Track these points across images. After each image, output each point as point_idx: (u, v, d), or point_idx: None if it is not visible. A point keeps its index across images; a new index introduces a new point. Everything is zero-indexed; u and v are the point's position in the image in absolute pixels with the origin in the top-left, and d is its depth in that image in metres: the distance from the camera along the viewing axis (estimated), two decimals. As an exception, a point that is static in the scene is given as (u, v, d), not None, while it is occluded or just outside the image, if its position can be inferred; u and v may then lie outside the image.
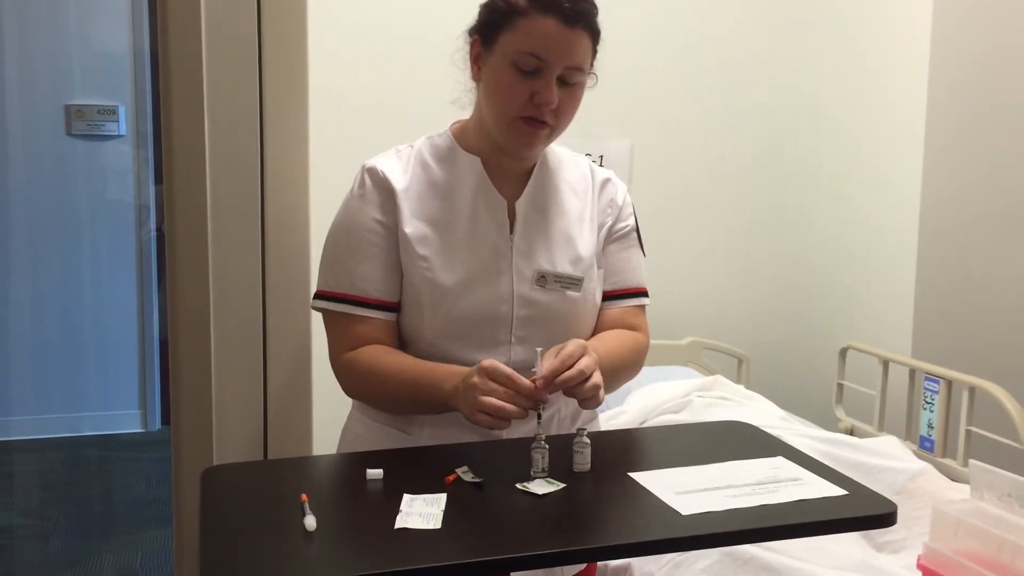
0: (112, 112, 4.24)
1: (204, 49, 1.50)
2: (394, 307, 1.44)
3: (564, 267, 1.46)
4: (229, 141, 1.53)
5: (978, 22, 2.64)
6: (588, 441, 1.26)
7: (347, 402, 1.57)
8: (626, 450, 1.40)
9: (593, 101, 1.29)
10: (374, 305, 1.43)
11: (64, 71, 4.17)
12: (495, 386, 1.27)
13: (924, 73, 2.80)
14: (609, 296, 1.53)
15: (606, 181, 1.55)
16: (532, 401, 1.27)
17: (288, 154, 1.57)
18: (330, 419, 1.64)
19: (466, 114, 1.50)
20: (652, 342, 2.89)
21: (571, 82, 1.39)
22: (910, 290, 2.88)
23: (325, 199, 1.57)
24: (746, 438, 1.45)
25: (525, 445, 1.24)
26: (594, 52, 1.43)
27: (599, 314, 1.53)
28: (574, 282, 1.45)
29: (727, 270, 3.22)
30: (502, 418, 1.26)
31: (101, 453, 4.16)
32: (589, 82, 1.44)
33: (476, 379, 1.28)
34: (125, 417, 4.38)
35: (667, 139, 3.11)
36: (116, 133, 4.26)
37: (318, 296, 1.46)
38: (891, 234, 2.96)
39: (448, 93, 1.48)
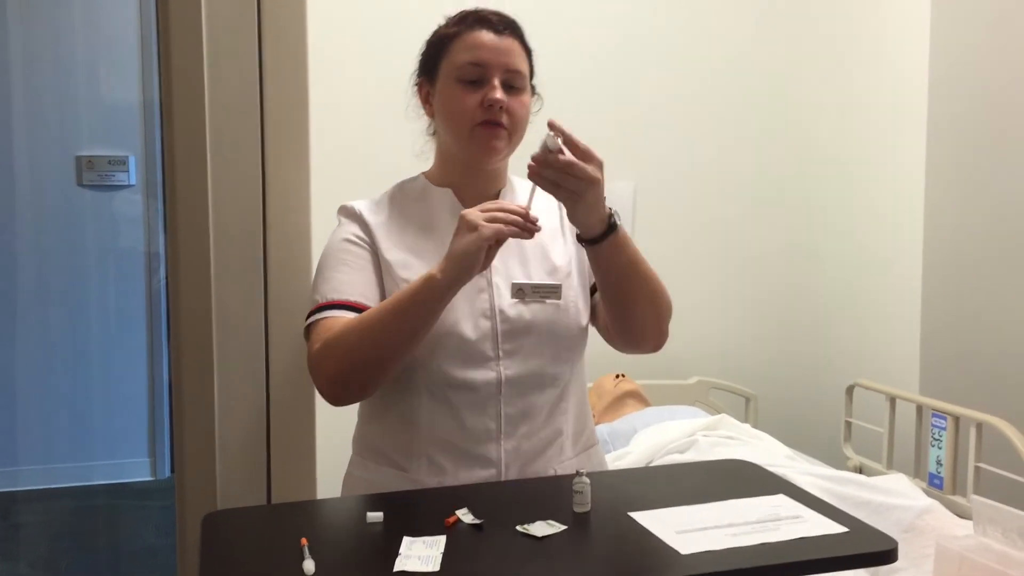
0: (122, 162, 4.28)
1: (207, 101, 1.53)
2: None
3: (540, 277, 1.48)
4: (232, 192, 1.55)
5: (975, 62, 2.67)
6: (588, 481, 1.26)
7: (350, 447, 1.58)
8: (627, 490, 1.39)
9: (595, 142, 1.31)
10: (352, 307, 1.42)
11: (74, 122, 4.22)
12: (487, 204, 1.33)
13: (924, 112, 2.83)
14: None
15: None
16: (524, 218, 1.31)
17: (291, 206, 1.59)
18: (335, 466, 1.63)
19: (430, 164, 1.58)
20: (656, 382, 2.95)
21: (515, 86, 1.45)
22: (916, 327, 2.87)
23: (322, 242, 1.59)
24: (748, 476, 1.45)
25: (525, 487, 1.24)
26: (531, 66, 1.50)
27: (596, 310, 1.54)
28: (552, 290, 1.46)
29: (733, 310, 3.23)
30: (507, 213, 1.30)
31: (110, 502, 4.15)
32: (534, 106, 1.51)
33: (464, 215, 1.31)
34: (135, 465, 4.38)
35: (670, 180, 3.13)
36: (126, 183, 4.30)
37: (305, 331, 1.46)
38: (896, 271, 2.97)
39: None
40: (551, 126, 1.28)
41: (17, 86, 4.14)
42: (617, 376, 2.83)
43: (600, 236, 1.36)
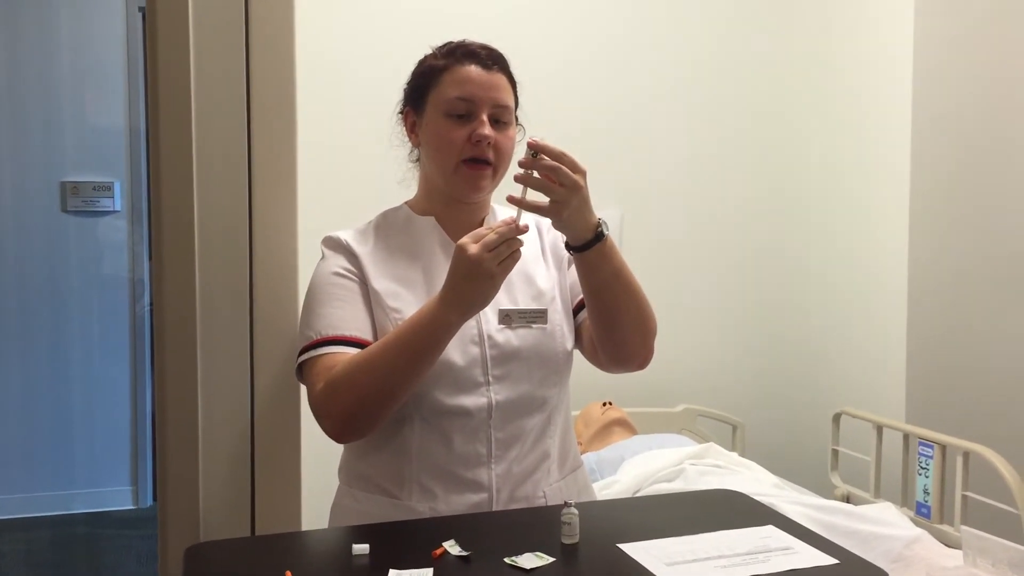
0: (107, 188, 4.26)
1: (194, 127, 1.52)
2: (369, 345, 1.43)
3: (526, 303, 1.49)
4: (218, 219, 1.54)
5: (958, 86, 2.69)
6: (576, 512, 1.25)
7: (336, 477, 1.56)
8: (616, 521, 1.38)
9: (588, 172, 1.33)
10: (350, 342, 1.42)
11: (59, 148, 4.20)
12: (480, 232, 1.31)
13: (907, 136, 2.84)
14: (582, 306, 1.53)
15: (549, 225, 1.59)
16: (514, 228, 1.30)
17: (278, 234, 1.58)
18: (321, 496, 1.61)
19: (412, 192, 1.59)
20: (644, 410, 2.94)
21: (501, 121, 1.47)
22: (902, 354, 2.88)
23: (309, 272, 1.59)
24: (737, 507, 1.44)
25: (513, 517, 1.22)
26: (516, 98, 1.52)
27: (581, 330, 1.55)
28: (538, 315, 1.48)
29: (719, 337, 3.23)
30: (508, 244, 1.29)
31: (91, 530, 4.09)
32: (518, 135, 1.52)
33: (478, 263, 1.29)
34: (117, 494, 4.33)
35: (656, 209, 3.15)
36: (111, 209, 4.28)
37: (298, 367, 1.46)
38: (881, 299, 2.98)
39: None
40: (531, 146, 1.30)
41: (1, 111, 4.13)
42: (604, 404, 2.82)
43: (588, 244, 1.36)
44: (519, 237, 1.32)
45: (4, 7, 4.12)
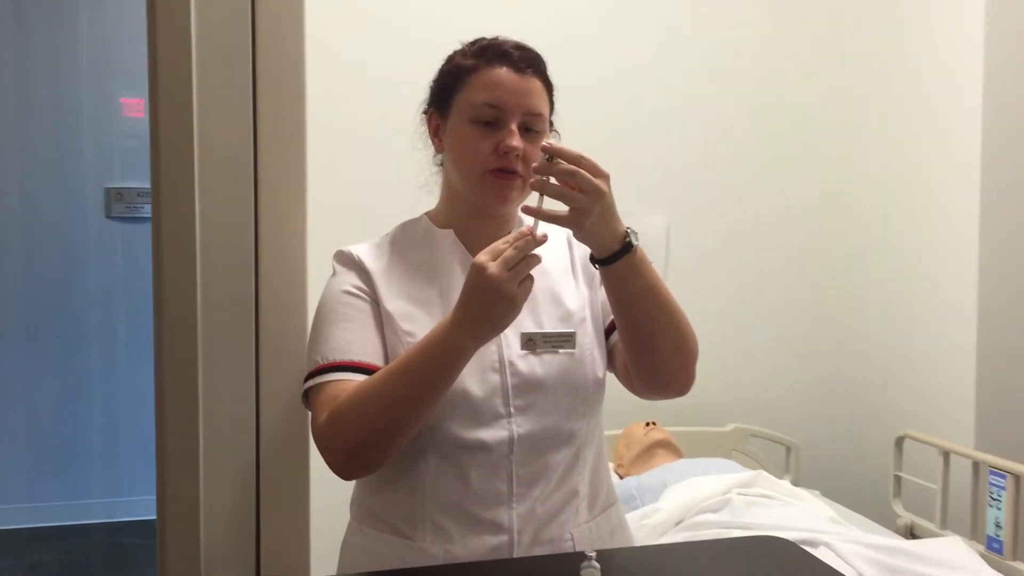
0: (152, 194, 4.25)
1: (195, 129, 1.43)
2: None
3: (553, 325, 1.38)
4: (222, 234, 1.45)
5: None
6: (598, 567, 1.13)
7: (347, 508, 1.47)
8: (643, 572, 1.25)
9: (626, 176, 1.21)
10: (358, 368, 1.31)
11: (104, 154, 4.22)
12: (497, 247, 1.20)
13: (978, 136, 2.64)
14: (615, 327, 1.41)
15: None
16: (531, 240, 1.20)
17: (285, 244, 1.49)
18: (331, 531, 1.52)
19: (435, 199, 1.48)
20: (690, 429, 2.80)
21: (533, 129, 1.36)
22: (971, 374, 2.68)
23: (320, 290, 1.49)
24: (783, 558, 1.29)
25: (536, 564, 1.11)
26: (551, 103, 1.41)
27: (613, 353, 1.43)
28: (565, 339, 1.34)
29: (773, 352, 3.06)
30: (527, 261, 1.19)
31: (139, 540, 4.08)
32: (553, 139, 1.41)
33: (481, 266, 1.18)
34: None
35: (705, 216, 2.99)
36: (156, 215, 4.27)
37: (304, 394, 1.36)
38: (948, 312, 2.78)
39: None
40: (545, 150, 1.19)
41: (48, 118, 4.16)
42: (647, 424, 2.68)
43: (615, 255, 1.24)
44: (536, 252, 1.20)
45: (54, 13, 4.14)
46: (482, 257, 1.19)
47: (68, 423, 4.21)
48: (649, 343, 1.32)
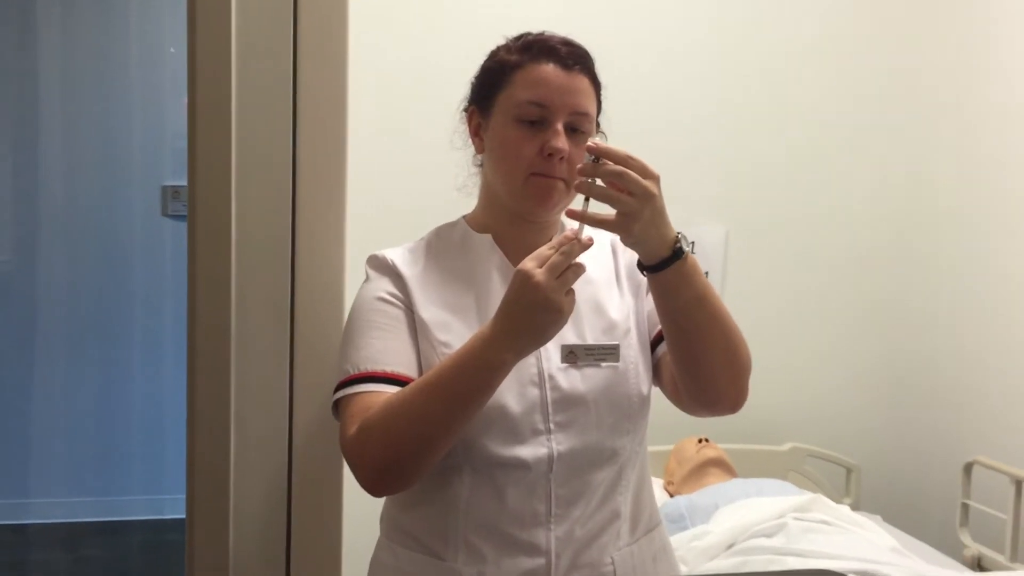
0: (208, 192, 4.29)
1: (233, 128, 1.39)
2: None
3: (595, 337, 1.32)
4: (258, 237, 1.42)
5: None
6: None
7: (377, 523, 1.43)
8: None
9: (684, 183, 1.14)
10: (391, 379, 1.26)
11: (161, 151, 4.25)
12: (543, 253, 1.15)
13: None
14: (662, 338, 1.35)
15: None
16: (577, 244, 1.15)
17: (323, 248, 1.45)
18: (361, 545, 1.48)
19: (474, 200, 1.43)
20: (745, 447, 2.71)
21: (580, 130, 1.30)
22: (1047, 398, 2.56)
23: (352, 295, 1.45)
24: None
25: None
26: (598, 102, 1.36)
27: (660, 366, 1.36)
28: (609, 352, 1.31)
29: (835, 369, 2.95)
30: (573, 270, 1.15)
31: (182, 537, 4.10)
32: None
33: (528, 274, 1.14)
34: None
35: (766, 225, 2.89)
36: (211, 213, 4.30)
37: (333, 404, 1.32)
38: (1023, 333, 2.64)
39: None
40: (591, 150, 1.14)
41: (105, 115, 4.20)
42: (700, 440, 2.60)
43: (664, 262, 1.18)
44: (579, 259, 1.15)
45: (111, 13, 4.19)
46: (528, 264, 1.14)
47: (112, 420, 4.24)
48: (699, 357, 1.26)
